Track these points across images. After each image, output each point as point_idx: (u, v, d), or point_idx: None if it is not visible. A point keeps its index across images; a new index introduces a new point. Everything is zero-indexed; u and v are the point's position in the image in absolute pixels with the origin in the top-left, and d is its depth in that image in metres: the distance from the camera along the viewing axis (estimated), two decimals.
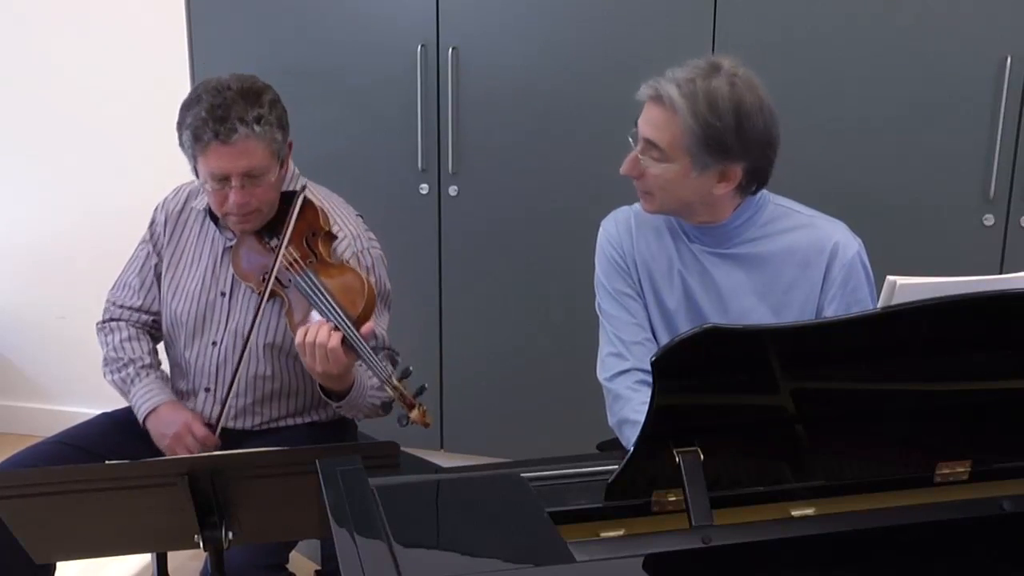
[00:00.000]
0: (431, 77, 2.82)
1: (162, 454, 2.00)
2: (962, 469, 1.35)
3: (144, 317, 2.14)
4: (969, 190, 2.56)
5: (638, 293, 1.87)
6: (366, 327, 1.81)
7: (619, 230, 1.89)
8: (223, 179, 1.89)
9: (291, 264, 1.91)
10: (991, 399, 1.32)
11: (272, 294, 1.93)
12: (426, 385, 1.83)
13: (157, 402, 2.04)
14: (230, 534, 1.63)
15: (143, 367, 2.09)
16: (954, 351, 1.28)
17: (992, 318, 1.26)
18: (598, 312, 1.92)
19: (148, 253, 2.14)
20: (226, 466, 1.58)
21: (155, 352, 2.16)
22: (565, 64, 2.75)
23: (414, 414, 1.77)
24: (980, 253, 2.57)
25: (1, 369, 3.57)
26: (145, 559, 2.70)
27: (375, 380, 1.92)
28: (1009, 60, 2.45)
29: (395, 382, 1.76)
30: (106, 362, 2.12)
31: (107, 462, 1.61)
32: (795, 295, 1.78)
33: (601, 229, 1.94)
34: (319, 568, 2.11)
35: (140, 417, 2.05)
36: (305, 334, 1.79)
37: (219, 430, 2.02)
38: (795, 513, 1.32)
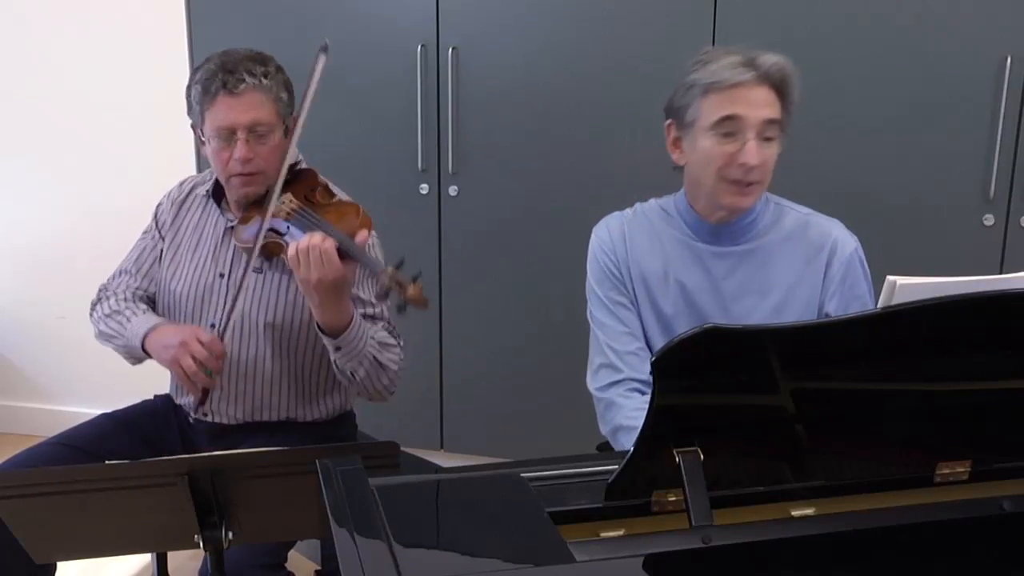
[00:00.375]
0: (431, 77, 2.83)
1: (161, 453, 2.01)
2: (962, 469, 1.35)
3: (141, 294, 2.13)
4: (969, 190, 2.56)
5: (631, 301, 1.86)
6: (361, 235, 1.83)
7: (612, 237, 1.88)
8: (229, 134, 1.91)
9: (289, 213, 1.93)
10: (991, 399, 1.32)
11: (271, 251, 1.93)
12: (421, 271, 1.81)
13: (156, 322, 2.00)
14: (230, 534, 1.63)
15: (139, 309, 2.06)
16: (954, 351, 1.28)
17: (992, 318, 1.25)
18: (589, 320, 1.91)
19: (154, 239, 2.15)
20: (226, 466, 1.58)
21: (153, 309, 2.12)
22: (565, 64, 2.75)
23: (410, 291, 1.75)
24: (980, 253, 2.57)
25: (1, 369, 3.57)
26: (145, 559, 2.70)
27: (375, 330, 1.92)
28: (1009, 60, 2.45)
29: (390, 270, 1.76)
30: (99, 332, 2.09)
31: (107, 462, 1.61)
32: (797, 293, 1.79)
33: (593, 236, 1.92)
34: (319, 568, 2.11)
35: (139, 338, 1.98)
36: (298, 244, 1.80)
37: (225, 338, 1.96)
38: (795, 513, 1.32)
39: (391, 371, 1.99)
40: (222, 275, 2.04)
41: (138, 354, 2.01)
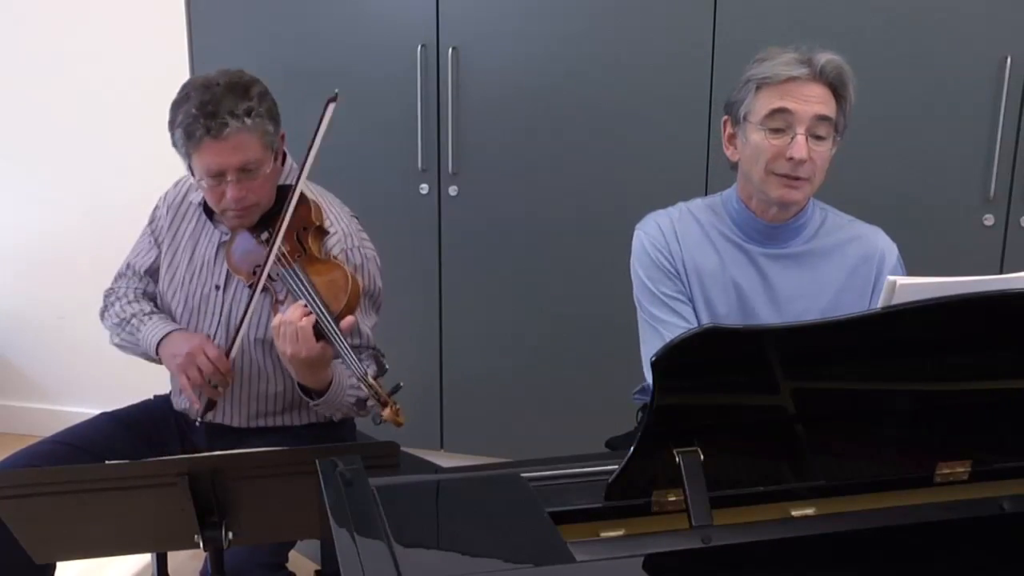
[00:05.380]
0: (431, 77, 2.83)
1: (161, 453, 2.01)
2: (962, 469, 1.35)
3: (140, 292, 2.14)
4: (969, 190, 2.56)
5: (688, 297, 1.83)
6: (346, 321, 1.81)
7: (663, 232, 1.84)
8: (219, 175, 1.89)
9: (280, 258, 1.91)
10: (991, 399, 1.32)
11: (263, 288, 1.93)
12: (401, 383, 1.83)
13: (169, 328, 2.01)
14: (230, 534, 1.63)
15: (146, 314, 2.07)
16: (954, 351, 1.28)
17: (992, 318, 1.26)
18: (643, 317, 1.86)
19: (150, 243, 2.15)
20: (226, 466, 1.58)
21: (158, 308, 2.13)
22: (565, 64, 2.75)
23: (386, 412, 1.76)
24: (980, 253, 2.57)
25: (1, 369, 3.57)
26: (145, 559, 2.70)
27: (353, 379, 1.92)
28: (1009, 60, 2.45)
29: (370, 380, 1.77)
30: (112, 334, 2.11)
31: (107, 462, 1.61)
32: (843, 299, 1.79)
33: (640, 233, 1.88)
34: (319, 568, 2.11)
35: (152, 348, 2.01)
36: (280, 317, 1.81)
37: (230, 358, 1.97)
38: (795, 513, 1.32)
39: (370, 406, 2.00)
40: (217, 287, 2.04)
41: (155, 360, 2.04)
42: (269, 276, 1.91)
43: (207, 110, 1.83)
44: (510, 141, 2.82)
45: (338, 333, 1.79)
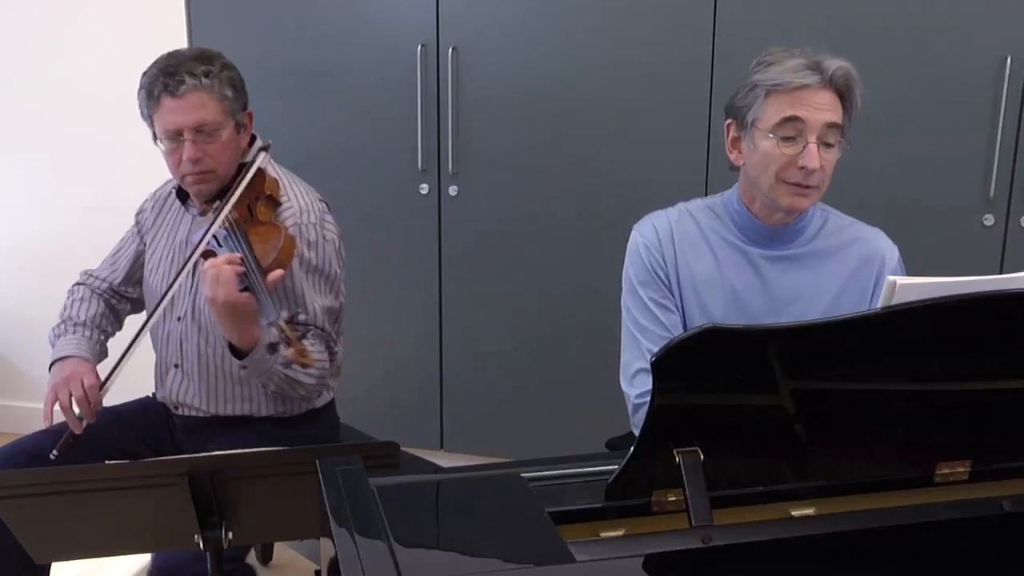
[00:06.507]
0: (431, 77, 2.83)
1: (153, 446, 2.04)
2: (962, 469, 1.35)
3: (104, 286, 2.21)
4: (969, 190, 2.56)
5: (677, 305, 1.82)
6: (273, 274, 1.84)
7: (660, 237, 1.82)
8: (176, 135, 1.93)
9: (226, 222, 1.94)
10: (991, 399, 1.32)
11: (208, 255, 1.94)
12: (311, 331, 1.88)
13: (69, 352, 2.04)
14: (230, 534, 1.63)
15: (76, 325, 2.13)
16: (954, 351, 1.28)
17: (992, 318, 1.26)
18: (626, 321, 1.86)
19: (132, 235, 2.22)
20: (226, 466, 1.58)
21: (102, 317, 2.18)
22: (565, 64, 2.75)
23: (289, 352, 1.79)
24: (980, 253, 2.57)
25: (1, 369, 3.57)
26: (145, 559, 2.70)
27: (281, 350, 1.93)
28: (1009, 60, 2.45)
29: (281, 323, 1.79)
30: (58, 321, 2.17)
31: (107, 462, 1.61)
32: (843, 301, 1.79)
33: (636, 235, 1.86)
34: (319, 568, 2.11)
35: (51, 361, 2.05)
36: (206, 263, 1.84)
37: (106, 389, 1.99)
38: (795, 513, 1.32)
39: (307, 384, 2.00)
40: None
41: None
42: (217, 241, 1.94)
43: (168, 71, 1.92)
44: (510, 141, 2.82)
45: (263, 284, 1.82)
